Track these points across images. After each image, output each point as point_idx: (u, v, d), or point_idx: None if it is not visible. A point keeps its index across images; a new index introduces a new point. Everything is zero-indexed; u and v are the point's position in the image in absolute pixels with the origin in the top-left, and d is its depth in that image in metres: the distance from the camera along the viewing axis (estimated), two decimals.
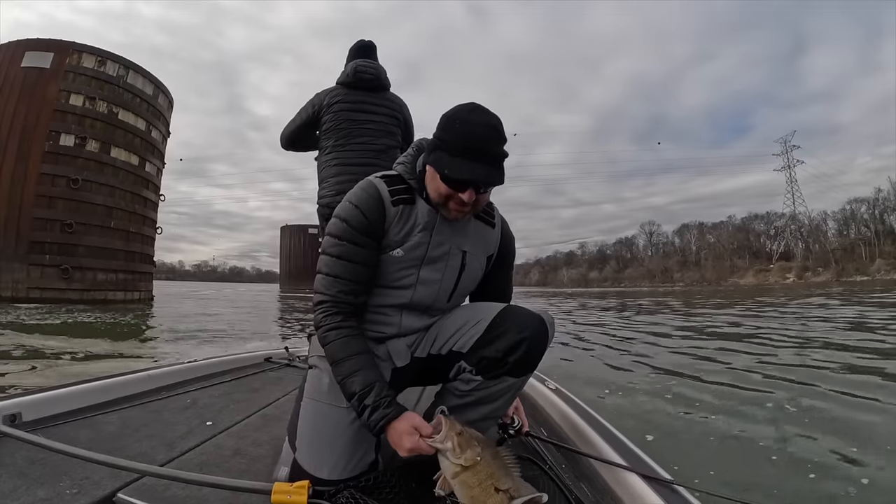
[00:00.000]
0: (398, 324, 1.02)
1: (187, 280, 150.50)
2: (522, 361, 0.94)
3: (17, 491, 0.86)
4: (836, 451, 1.91)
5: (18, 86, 13.06)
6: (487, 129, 0.87)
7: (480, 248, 1.05)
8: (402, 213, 0.97)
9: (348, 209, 0.95)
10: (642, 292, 38.26)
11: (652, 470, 0.92)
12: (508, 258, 1.12)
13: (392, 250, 0.96)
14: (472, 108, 0.90)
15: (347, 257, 0.93)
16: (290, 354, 2.36)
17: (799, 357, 4.32)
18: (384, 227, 0.95)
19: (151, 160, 15.77)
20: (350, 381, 0.87)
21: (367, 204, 0.94)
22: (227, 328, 8.22)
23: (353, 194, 0.97)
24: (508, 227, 1.12)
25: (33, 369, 3.77)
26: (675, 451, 1.95)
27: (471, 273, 1.04)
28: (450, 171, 0.88)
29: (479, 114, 0.89)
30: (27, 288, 12.31)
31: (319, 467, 0.88)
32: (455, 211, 0.93)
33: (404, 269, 0.98)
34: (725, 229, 79.84)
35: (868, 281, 45.94)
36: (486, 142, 0.87)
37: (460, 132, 0.87)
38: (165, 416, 1.39)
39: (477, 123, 0.87)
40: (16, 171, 12.59)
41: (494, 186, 0.92)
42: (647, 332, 7.07)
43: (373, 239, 0.95)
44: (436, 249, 0.98)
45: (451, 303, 1.06)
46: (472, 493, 0.75)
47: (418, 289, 0.99)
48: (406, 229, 0.97)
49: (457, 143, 0.87)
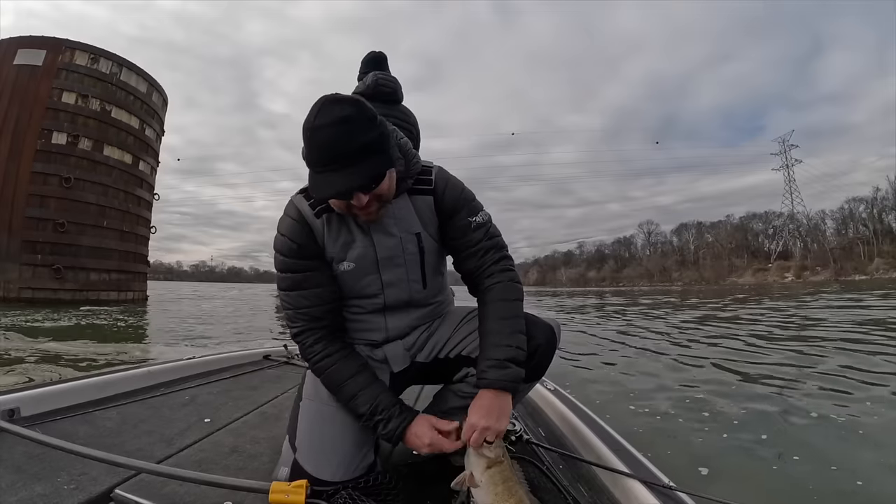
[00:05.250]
0: (384, 327, 0.99)
1: (185, 280, 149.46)
2: (534, 369, 0.93)
3: (14, 486, 0.86)
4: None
5: (10, 84, 12.95)
6: (330, 131, 0.77)
7: (429, 222, 0.95)
8: (329, 222, 0.90)
9: (277, 239, 0.91)
10: (643, 291, 38.14)
11: (651, 474, 0.92)
12: (459, 208, 0.95)
13: (339, 264, 0.92)
14: (318, 107, 0.79)
15: (299, 286, 0.91)
16: (289, 352, 2.35)
17: None
18: (318, 243, 0.91)
19: (145, 159, 15.67)
20: (354, 404, 0.88)
21: (291, 228, 0.90)
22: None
23: (280, 223, 0.92)
24: (445, 176, 0.96)
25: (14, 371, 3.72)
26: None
27: (432, 251, 0.97)
28: (312, 190, 0.83)
29: (322, 115, 0.78)
30: (19, 288, 12.19)
31: (321, 469, 0.87)
32: (363, 216, 0.86)
33: (363, 277, 0.93)
34: (724, 228, 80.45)
35: (867, 280, 46.12)
36: (331, 148, 0.78)
37: (308, 144, 0.80)
38: (164, 413, 1.38)
39: (319, 128, 0.78)
40: (7, 170, 12.47)
41: (371, 186, 0.81)
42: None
43: (313, 260, 0.91)
44: (385, 248, 0.92)
45: (429, 287, 0.99)
46: (496, 490, 0.77)
47: (387, 292, 0.96)
48: (343, 238, 0.91)
49: (309, 158, 0.81)
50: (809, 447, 2.05)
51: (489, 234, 0.97)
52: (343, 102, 0.80)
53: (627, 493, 0.89)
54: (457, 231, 0.96)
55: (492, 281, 0.95)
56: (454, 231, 0.96)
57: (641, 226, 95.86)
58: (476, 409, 0.84)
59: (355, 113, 0.79)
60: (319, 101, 0.81)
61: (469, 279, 1.00)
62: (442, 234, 0.98)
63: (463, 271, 1.00)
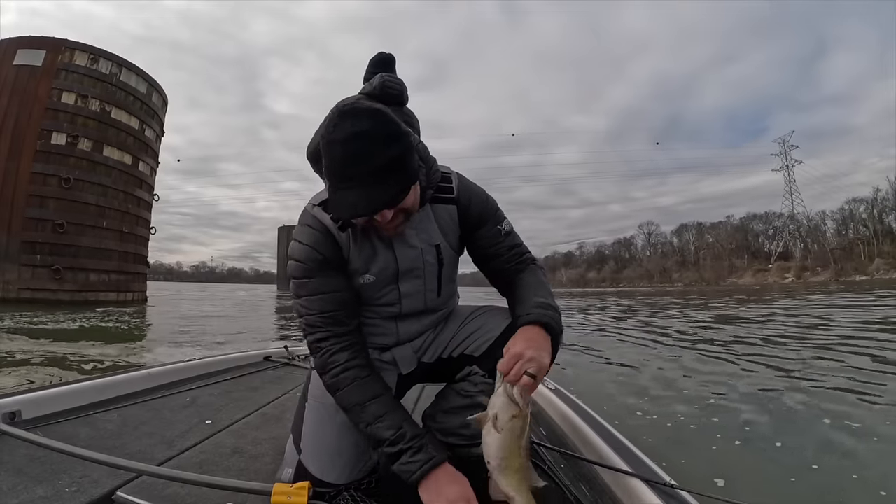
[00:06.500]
0: (395, 333, 0.99)
1: (185, 281, 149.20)
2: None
3: (16, 489, 0.86)
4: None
5: (10, 84, 12.94)
6: (349, 145, 0.73)
7: (450, 232, 0.96)
8: (353, 235, 0.88)
9: (301, 250, 0.87)
10: (644, 292, 37.95)
11: (653, 473, 0.92)
12: (486, 219, 0.95)
13: (361, 276, 0.90)
14: (337, 118, 0.74)
15: (320, 291, 0.87)
16: (290, 353, 2.35)
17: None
18: (342, 255, 0.89)
19: (145, 159, 15.67)
20: (375, 427, 0.80)
21: (316, 239, 0.87)
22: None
23: (299, 233, 0.89)
24: (468, 186, 0.97)
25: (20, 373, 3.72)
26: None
27: (450, 261, 0.98)
28: (332, 209, 0.80)
29: (340, 129, 0.73)
30: (18, 289, 12.18)
31: (326, 471, 0.86)
32: (387, 229, 0.83)
33: (381, 289, 0.93)
34: (724, 229, 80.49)
35: (868, 280, 45.93)
36: (352, 163, 0.73)
37: (327, 157, 0.75)
38: (165, 415, 1.38)
39: (337, 142, 0.73)
40: (7, 170, 12.46)
41: (394, 204, 0.77)
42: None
43: (336, 268, 0.89)
44: (406, 260, 0.92)
45: (443, 295, 1.00)
46: (511, 446, 0.71)
47: (404, 302, 0.96)
48: (366, 252, 0.89)
49: (329, 173, 0.76)
50: (832, 454, 1.97)
51: (518, 243, 0.98)
52: (361, 115, 0.74)
53: (629, 492, 0.89)
54: (486, 240, 0.96)
55: (529, 268, 0.97)
56: (483, 240, 0.96)
57: (642, 226, 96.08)
58: (520, 340, 0.75)
59: (374, 127, 0.74)
60: (336, 110, 0.76)
61: (500, 280, 0.99)
62: (466, 242, 0.99)
63: (494, 275, 1.00)
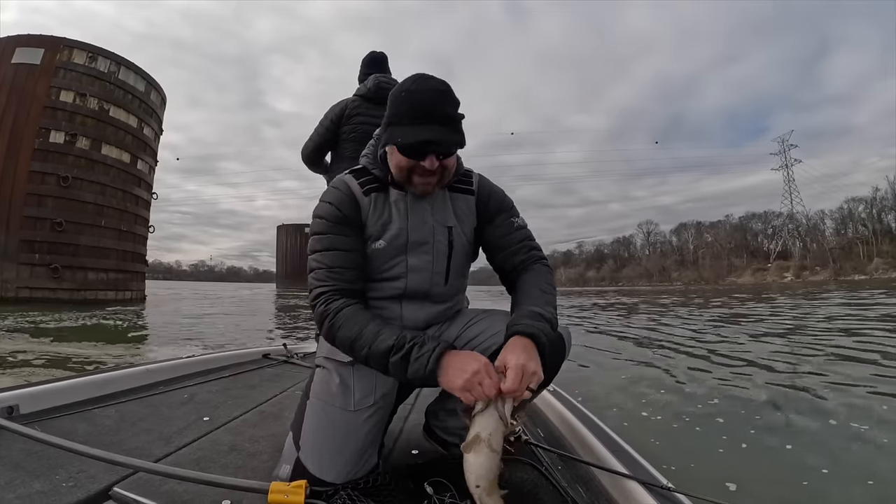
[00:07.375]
0: (399, 315, 1.00)
1: (184, 280, 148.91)
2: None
3: (13, 483, 0.86)
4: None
5: (8, 82, 12.88)
6: (434, 92, 0.87)
7: (465, 220, 1.02)
8: (375, 202, 0.96)
9: (324, 207, 0.95)
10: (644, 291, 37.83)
11: (649, 475, 0.92)
12: (502, 211, 1.04)
13: (374, 241, 0.96)
14: (416, 77, 0.89)
15: (334, 247, 0.93)
16: (288, 351, 2.36)
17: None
18: (361, 217, 0.95)
19: (143, 158, 15.62)
20: (378, 343, 0.82)
21: (340, 198, 0.95)
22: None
23: (327, 194, 0.98)
24: (489, 183, 1.06)
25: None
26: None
27: (461, 249, 1.02)
28: (403, 137, 0.87)
29: (423, 81, 0.88)
30: (17, 287, 12.14)
31: (324, 470, 0.86)
32: (421, 184, 0.92)
33: (390, 259, 0.97)
34: (723, 228, 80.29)
35: (866, 280, 45.87)
36: (435, 104, 0.86)
37: (407, 101, 0.87)
38: (162, 411, 1.38)
39: (422, 90, 0.87)
40: (5, 169, 12.41)
41: (455, 149, 0.90)
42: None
43: (353, 228, 0.95)
44: (417, 233, 0.97)
45: (449, 285, 1.02)
46: (493, 466, 0.73)
47: (410, 277, 0.98)
48: (383, 219, 0.96)
49: (407, 113, 0.87)
50: (842, 459, 1.93)
51: (529, 237, 1.05)
52: (437, 78, 0.89)
53: (626, 495, 0.89)
54: (499, 230, 1.03)
55: (533, 267, 1.01)
56: (497, 230, 1.03)
57: (641, 225, 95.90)
58: (518, 352, 0.78)
59: (450, 88, 0.89)
60: (415, 75, 0.90)
61: (508, 276, 1.04)
62: (481, 234, 1.04)
63: (502, 268, 1.05)
